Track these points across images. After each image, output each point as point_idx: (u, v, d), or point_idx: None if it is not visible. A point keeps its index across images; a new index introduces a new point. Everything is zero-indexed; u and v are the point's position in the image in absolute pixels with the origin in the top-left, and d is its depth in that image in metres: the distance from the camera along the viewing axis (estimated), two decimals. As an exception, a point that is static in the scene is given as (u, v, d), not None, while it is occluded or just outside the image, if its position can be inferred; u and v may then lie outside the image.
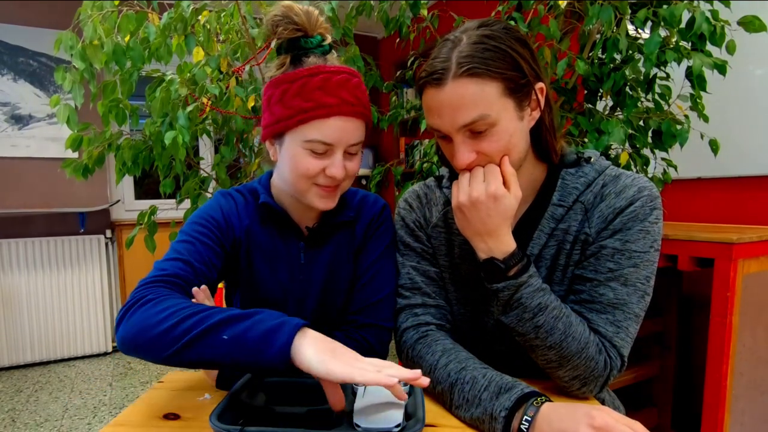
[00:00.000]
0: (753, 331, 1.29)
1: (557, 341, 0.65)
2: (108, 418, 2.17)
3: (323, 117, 0.69)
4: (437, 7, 1.69)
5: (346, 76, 0.72)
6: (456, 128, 0.65)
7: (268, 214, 0.81)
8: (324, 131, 0.70)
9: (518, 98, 0.65)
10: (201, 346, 0.56)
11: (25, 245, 2.79)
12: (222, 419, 0.54)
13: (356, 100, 0.72)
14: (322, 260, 0.83)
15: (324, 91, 0.69)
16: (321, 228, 0.82)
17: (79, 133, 1.48)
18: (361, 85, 0.74)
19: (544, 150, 0.74)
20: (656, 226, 0.68)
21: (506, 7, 1.44)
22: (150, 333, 0.58)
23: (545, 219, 0.73)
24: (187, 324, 0.57)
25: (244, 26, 1.53)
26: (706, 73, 1.21)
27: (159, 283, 0.66)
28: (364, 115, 0.73)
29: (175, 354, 0.57)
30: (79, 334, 2.93)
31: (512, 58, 0.63)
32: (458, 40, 0.65)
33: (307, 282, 0.83)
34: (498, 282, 0.67)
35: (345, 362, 0.53)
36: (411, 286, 0.81)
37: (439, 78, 0.64)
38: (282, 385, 0.67)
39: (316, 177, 0.73)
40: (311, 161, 0.72)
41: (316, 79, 0.69)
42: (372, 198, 0.90)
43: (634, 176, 0.71)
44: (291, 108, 0.70)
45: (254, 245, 0.80)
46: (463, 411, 0.64)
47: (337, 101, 0.69)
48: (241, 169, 1.81)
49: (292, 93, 0.70)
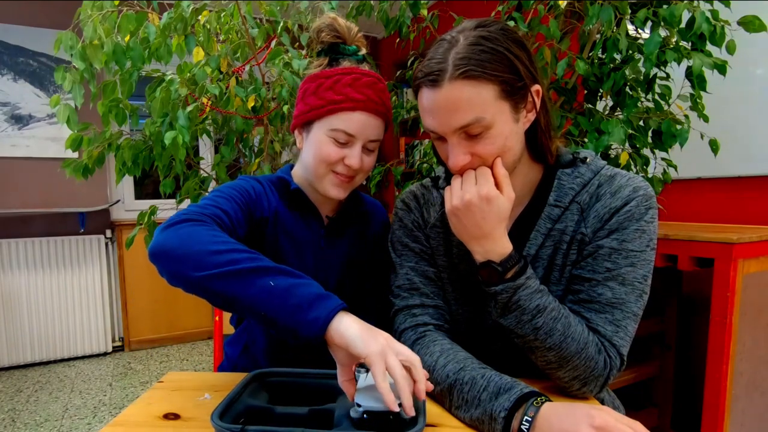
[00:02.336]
0: (753, 331, 1.29)
1: (556, 342, 0.65)
2: (108, 418, 2.17)
3: (350, 110, 0.78)
4: (437, 7, 1.69)
5: (374, 79, 0.81)
6: (451, 130, 0.65)
7: (294, 201, 0.88)
8: (348, 123, 0.78)
9: (514, 101, 0.65)
10: (244, 282, 0.57)
11: (25, 245, 2.79)
12: (223, 418, 0.54)
13: (380, 101, 0.81)
14: (340, 247, 0.91)
15: (353, 88, 0.78)
16: (340, 217, 0.91)
17: (79, 133, 1.48)
18: (386, 91, 0.83)
19: (540, 151, 0.74)
20: (652, 225, 0.68)
21: (506, 7, 1.44)
22: (197, 247, 0.58)
23: (542, 219, 0.73)
24: (238, 255, 0.58)
25: (244, 26, 1.53)
26: (706, 73, 1.21)
27: (205, 216, 0.67)
28: (385, 116, 0.83)
29: (215, 277, 0.57)
30: (79, 334, 2.94)
31: (509, 61, 0.63)
32: (455, 40, 0.64)
33: (327, 266, 0.90)
34: (495, 285, 0.67)
35: (381, 349, 0.54)
36: (409, 287, 0.81)
37: (435, 79, 0.64)
38: (284, 385, 0.67)
39: (335, 164, 0.81)
40: (333, 148, 0.80)
41: (348, 77, 0.79)
42: (377, 201, 1.02)
43: (629, 176, 0.71)
44: (323, 99, 0.79)
45: (281, 226, 0.86)
46: (463, 411, 0.64)
47: (364, 98, 0.79)
48: (241, 169, 1.81)
49: (325, 87, 0.80)
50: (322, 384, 0.66)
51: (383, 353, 0.53)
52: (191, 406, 0.68)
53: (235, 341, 0.95)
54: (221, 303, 0.60)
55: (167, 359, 2.97)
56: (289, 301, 0.56)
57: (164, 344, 3.25)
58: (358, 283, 0.94)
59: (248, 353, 0.92)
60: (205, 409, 0.66)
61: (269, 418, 0.59)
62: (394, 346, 0.56)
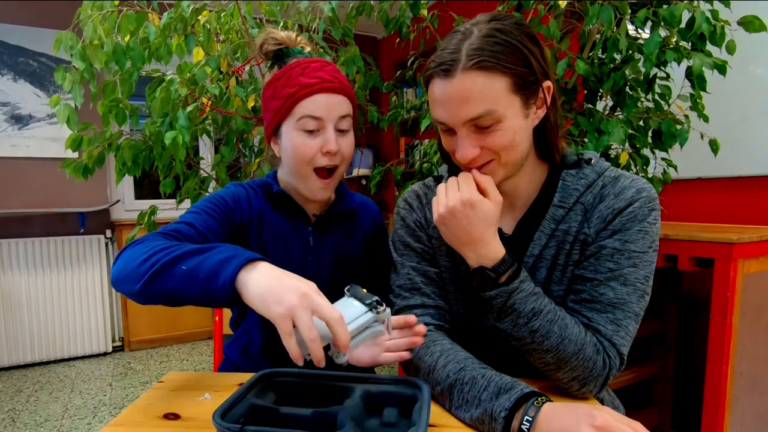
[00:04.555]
0: (753, 331, 1.29)
1: (554, 344, 0.65)
2: (108, 418, 2.17)
3: (308, 95, 0.79)
4: (437, 7, 1.69)
5: (322, 63, 0.83)
6: (461, 122, 0.65)
7: (279, 202, 0.90)
8: (311, 106, 0.79)
9: (525, 95, 0.65)
10: (164, 278, 0.60)
11: (25, 245, 2.78)
12: (226, 417, 0.54)
13: (335, 79, 0.81)
14: (330, 244, 0.92)
15: (305, 76, 0.80)
16: (327, 215, 0.91)
17: (79, 133, 1.48)
18: (338, 71, 0.84)
19: (548, 149, 0.74)
20: (655, 226, 0.68)
21: (506, 7, 1.44)
22: (128, 267, 0.63)
23: (546, 220, 0.73)
24: (155, 257, 0.61)
25: (244, 26, 1.53)
26: (706, 73, 1.20)
27: (156, 234, 0.71)
28: (344, 91, 0.82)
29: (145, 286, 0.60)
30: (79, 334, 2.93)
31: (522, 54, 0.63)
32: (469, 32, 0.64)
33: (317, 263, 0.91)
34: (489, 290, 0.67)
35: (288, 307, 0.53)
36: (410, 287, 0.81)
37: (448, 69, 0.63)
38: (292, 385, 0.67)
39: (314, 158, 0.81)
40: (307, 141, 0.80)
41: (297, 69, 0.81)
42: (369, 200, 1.01)
43: (632, 178, 0.71)
44: (281, 98, 0.81)
45: (266, 226, 0.88)
46: (463, 411, 0.63)
47: (317, 80, 0.80)
48: (241, 169, 1.81)
49: (280, 86, 0.82)
50: (330, 385, 0.66)
51: (289, 313, 0.52)
52: (191, 406, 0.67)
53: (235, 344, 0.96)
54: (170, 303, 0.62)
55: (167, 359, 2.97)
56: (201, 277, 0.58)
57: (164, 344, 3.25)
58: (352, 278, 0.93)
59: (248, 354, 0.93)
60: (205, 409, 0.66)
61: (273, 419, 0.59)
62: (311, 301, 0.54)
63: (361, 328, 0.62)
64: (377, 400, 0.63)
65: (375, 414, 0.63)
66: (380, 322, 0.64)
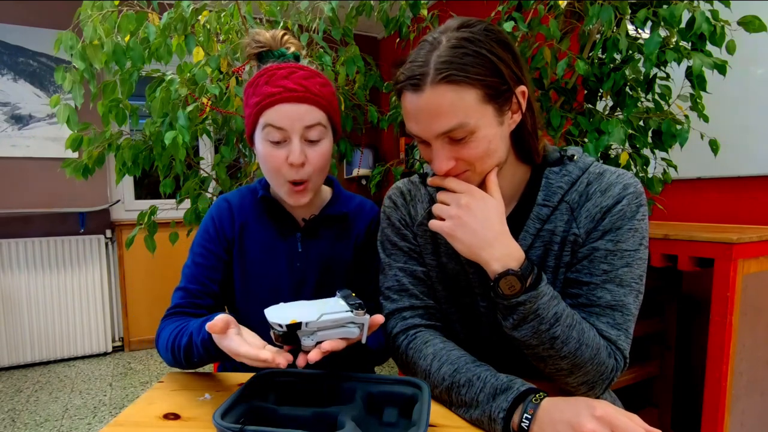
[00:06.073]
0: (753, 331, 1.29)
1: (572, 350, 0.63)
2: (108, 418, 2.17)
3: (270, 105, 0.77)
4: (437, 7, 1.69)
5: (290, 69, 0.79)
6: (434, 135, 0.64)
7: (266, 208, 0.89)
8: (273, 117, 0.77)
9: (498, 104, 0.63)
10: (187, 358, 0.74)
11: (25, 245, 2.78)
12: (226, 417, 0.54)
13: (301, 88, 0.77)
14: (319, 250, 0.90)
15: (269, 84, 0.77)
16: (316, 220, 0.89)
17: (79, 133, 1.48)
18: (311, 77, 0.79)
19: (526, 152, 0.73)
20: (643, 222, 0.68)
21: (506, 7, 1.44)
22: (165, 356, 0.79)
23: (530, 220, 0.71)
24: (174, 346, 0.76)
25: (244, 26, 1.53)
26: (706, 73, 1.20)
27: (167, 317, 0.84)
28: (312, 99, 0.78)
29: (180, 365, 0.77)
30: (79, 334, 2.93)
31: (492, 63, 0.61)
32: (437, 42, 0.62)
33: (305, 269, 0.89)
34: (517, 296, 0.62)
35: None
36: (399, 289, 0.79)
37: (417, 83, 0.62)
38: (293, 385, 0.67)
39: (281, 169, 0.79)
40: (272, 151, 0.78)
41: (264, 77, 0.79)
42: (368, 203, 0.98)
43: (618, 172, 0.70)
44: (250, 106, 0.81)
45: (248, 239, 0.88)
46: (463, 412, 0.64)
47: (279, 89, 0.77)
48: (241, 169, 1.80)
49: (249, 94, 0.81)
50: (331, 385, 0.66)
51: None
52: (191, 406, 0.68)
53: None
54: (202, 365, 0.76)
55: (167, 359, 2.97)
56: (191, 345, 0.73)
57: (164, 344, 3.24)
58: (341, 282, 0.91)
59: None
60: (205, 409, 0.66)
61: (273, 419, 0.59)
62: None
63: (336, 323, 0.62)
64: (377, 400, 0.63)
65: (375, 414, 0.63)
66: (356, 324, 0.63)
